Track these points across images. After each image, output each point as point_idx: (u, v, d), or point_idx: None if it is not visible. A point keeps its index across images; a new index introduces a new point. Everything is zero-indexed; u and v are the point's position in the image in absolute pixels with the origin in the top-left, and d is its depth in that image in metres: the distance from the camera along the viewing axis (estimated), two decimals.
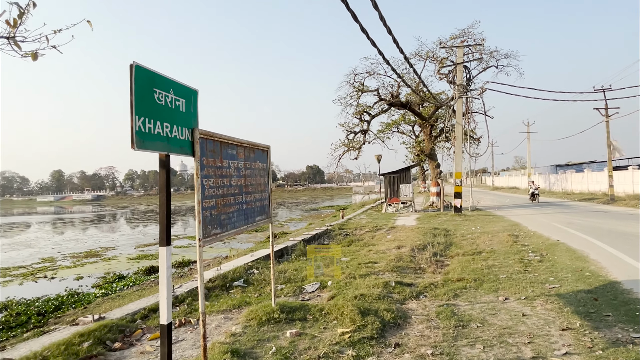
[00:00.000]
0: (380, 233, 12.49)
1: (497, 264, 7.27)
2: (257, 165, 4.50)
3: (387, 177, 20.29)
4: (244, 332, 4.30)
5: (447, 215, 17.48)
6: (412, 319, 4.62)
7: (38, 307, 7.96)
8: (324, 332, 4.21)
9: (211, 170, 3.42)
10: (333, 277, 6.77)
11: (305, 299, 5.72)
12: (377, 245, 10.15)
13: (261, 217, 4.60)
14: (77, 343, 3.95)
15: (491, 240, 10.06)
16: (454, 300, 5.28)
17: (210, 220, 3.37)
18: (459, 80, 16.57)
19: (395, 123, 31.71)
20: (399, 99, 21.74)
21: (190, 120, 3.13)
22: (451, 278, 6.32)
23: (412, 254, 8.58)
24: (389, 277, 6.66)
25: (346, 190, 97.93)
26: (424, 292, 5.74)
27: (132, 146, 2.47)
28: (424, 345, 3.80)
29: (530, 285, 5.73)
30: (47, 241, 23.04)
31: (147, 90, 2.62)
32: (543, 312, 4.58)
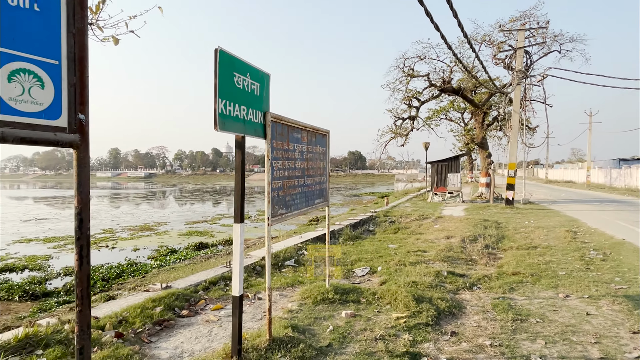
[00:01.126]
0: (427, 222, 12.30)
1: (554, 260, 6.96)
2: (317, 149, 4.58)
3: (435, 165, 19.78)
4: (300, 309, 4.48)
5: (497, 207, 16.84)
6: (466, 309, 4.58)
7: (102, 274, 8.69)
8: (379, 316, 4.29)
9: (279, 153, 3.54)
10: (384, 263, 6.82)
11: (356, 282, 5.83)
12: (425, 234, 10.03)
13: (320, 200, 4.71)
14: (150, 307, 4.31)
15: (547, 235, 9.61)
16: (509, 294, 5.15)
17: (277, 200, 3.50)
18: (518, 65, 15.63)
19: (444, 110, 30.64)
20: (450, 84, 20.95)
21: (262, 103, 3.25)
22: (506, 271, 6.15)
23: (462, 244, 8.41)
24: (439, 266, 6.60)
25: (387, 178, 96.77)
26: (477, 283, 5.64)
27: (214, 127, 2.62)
28: (482, 336, 3.77)
29: (594, 284, 5.45)
30: (106, 214, 24.82)
31: (229, 74, 2.75)
32: (610, 313, 4.37)
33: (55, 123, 1.77)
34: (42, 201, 35.97)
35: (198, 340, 3.72)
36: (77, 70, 1.86)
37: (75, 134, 1.85)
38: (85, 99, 1.89)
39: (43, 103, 1.74)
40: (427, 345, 3.57)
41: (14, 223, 19.18)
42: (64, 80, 1.81)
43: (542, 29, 16.85)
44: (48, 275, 8.88)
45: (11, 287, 7.61)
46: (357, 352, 3.39)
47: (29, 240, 14.19)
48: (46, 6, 1.75)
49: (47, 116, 1.75)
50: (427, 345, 3.55)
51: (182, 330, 3.97)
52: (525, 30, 16.18)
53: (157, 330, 3.91)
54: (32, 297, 7.19)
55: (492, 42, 21.13)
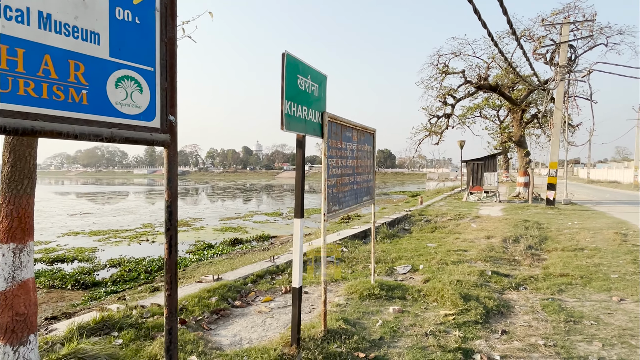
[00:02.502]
0: (464, 222, 12.12)
1: (604, 263, 6.73)
2: (365, 148, 4.68)
3: (470, 164, 19.37)
4: (348, 304, 4.60)
5: (536, 207, 16.30)
6: (515, 309, 4.55)
7: (145, 266, 9.13)
8: (426, 312, 4.34)
9: (334, 152, 3.66)
10: (425, 261, 6.83)
11: (398, 280, 5.88)
12: (464, 234, 9.90)
13: (367, 197, 4.81)
14: (206, 297, 4.56)
15: (594, 237, 9.25)
16: (559, 295, 5.05)
17: (331, 197, 3.63)
18: (561, 60, 15.02)
19: (478, 107, 29.80)
20: (487, 81, 20.41)
21: (320, 104, 3.38)
22: (553, 273, 6.02)
23: (504, 245, 8.26)
24: (482, 266, 6.53)
25: (418, 177, 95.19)
26: (523, 284, 5.56)
27: (281, 127, 2.77)
28: (534, 336, 3.75)
29: None
30: (144, 209, 25.87)
31: (293, 77, 2.90)
32: None
33: (151, 124, 1.96)
34: (84, 197, 38.01)
35: (254, 330, 3.92)
36: (168, 76, 2.04)
37: (167, 134, 2.04)
38: (174, 102, 2.08)
39: (141, 106, 1.93)
40: (478, 342, 3.60)
41: (62, 217, 20.40)
42: (157, 85, 1.99)
43: (588, 22, 16.11)
44: (95, 267, 9.41)
45: (64, 276, 8.16)
46: (409, 346, 3.47)
47: (76, 233, 15.06)
48: (145, 18, 1.94)
49: (145, 118, 1.94)
50: (478, 342, 3.58)
51: (238, 320, 4.19)
52: (569, 24, 15.52)
53: (215, 318, 4.14)
54: (83, 287, 7.67)
55: (532, 37, 20.40)
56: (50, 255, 10.56)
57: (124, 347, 3.16)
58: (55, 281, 7.80)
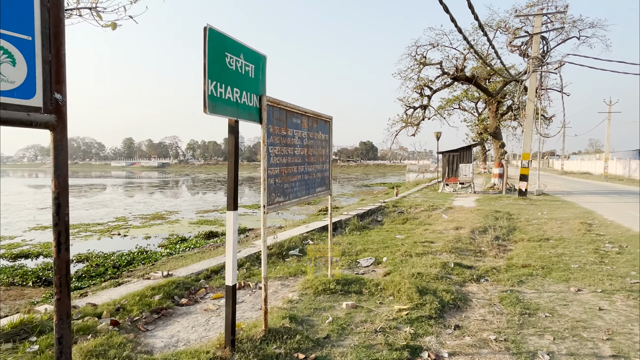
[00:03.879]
0: (436, 213, 12.09)
1: (567, 253, 6.73)
2: (319, 136, 4.44)
3: (446, 155, 19.43)
4: (301, 299, 4.39)
5: (509, 198, 16.48)
6: (472, 302, 4.43)
7: (113, 261, 8.75)
8: (380, 307, 4.17)
9: (276, 139, 3.41)
10: (390, 253, 6.69)
11: (360, 273, 5.72)
12: (434, 225, 9.84)
13: (321, 189, 4.58)
14: (149, 295, 4.28)
15: (560, 227, 9.33)
16: (518, 287, 4.98)
17: (274, 188, 3.39)
18: (534, 52, 15.08)
19: (457, 99, 30.01)
20: (464, 72, 20.42)
21: (258, 86, 3.12)
22: (515, 263, 5.96)
23: (471, 236, 8.21)
24: (447, 257, 6.44)
25: (399, 168, 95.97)
26: (485, 275, 5.48)
27: (204, 110, 2.50)
28: (487, 330, 3.63)
29: (608, 278, 5.23)
30: (120, 202, 25.10)
31: (219, 54, 2.62)
32: (624, 309, 4.17)
33: (29, 103, 1.66)
34: None
35: (195, 330, 3.67)
36: (53, 47, 1.74)
37: (52, 114, 1.74)
38: (62, 78, 1.78)
39: (14, 81, 1.63)
40: (428, 338, 3.44)
41: (31, 211, 19.55)
42: (37, 57, 1.69)
43: (560, 13, 16.21)
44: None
45: (25, 272, 7.72)
46: (355, 344, 3.28)
47: (44, 227, 14.43)
48: None
49: (20, 95, 1.64)
50: (428, 339, 3.43)
51: (180, 319, 3.93)
52: (542, 15, 15.58)
53: (155, 318, 3.87)
54: (45, 283, 7.28)
55: (508, 29, 20.49)
56: (13, 251, 10.04)
57: (39, 354, 2.87)
58: (15, 278, 7.38)
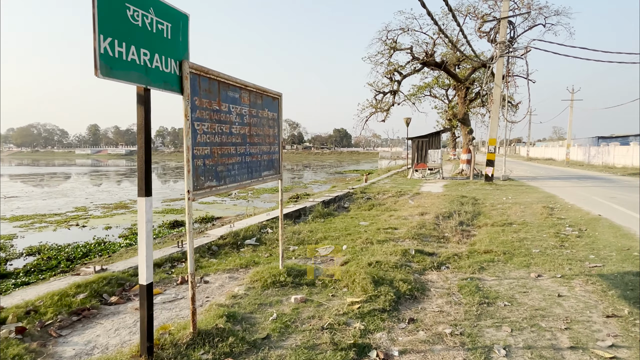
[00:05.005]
0: (403, 199, 11.94)
1: (529, 237, 6.65)
2: (265, 114, 4.00)
3: (415, 141, 19.37)
4: (246, 294, 4.00)
5: (476, 183, 16.62)
6: (431, 291, 4.18)
7: (68, 253, 8.07)
8: (332, 301, 3.85)
9: (206, 114, 2.95)
10: (350, 241, 6.40)
11: (317, 263, 5.38)
12: (400, 211, 9.65)
13: (269, 172, 4.16)
14: (72, 294, 3.77)
15: (523, 212, 9.34)
16: (479, 274, 4.78)
17: (205, 170, 2.95)
18: (501, 37, 15.04)
19: (428, 86, 30.09)
20: (433, 58, 20.31)
21: (177, 50, 2.64)
22: (477, 249, 5.79)
23: (436, 221, 8.05)
24: (409, 244, 6.21)
25: (373, 155, 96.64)
26: (446, 262, 5.26)
27: (95, 72, 2.02)
28: (442, 323, 3.37)
29: (567, 263, 5.13)
30: (82, 191, 23.72)
31: (117, 5, 2.13)
32: (583, 294, 4.03)
33: None
34: (17, 178, 34.46)
35: (118, 333, 3.21)
36: None
37: None
38: None
39: None
40: (379, 335, 3.14)
41: None
42: None
43: None
44: (9, 256, 8.23)
45: None
46: (297, 345, 2.94)
47: None
48: None
49: None
50: (379, 336, 3.13)
51: (104, 321, 3.46)
52: (509, 0, 15.53)
53: (73, 321, 3.38)
54: None
55: (477, 15, 20.45)
56: None
57: None
58: None
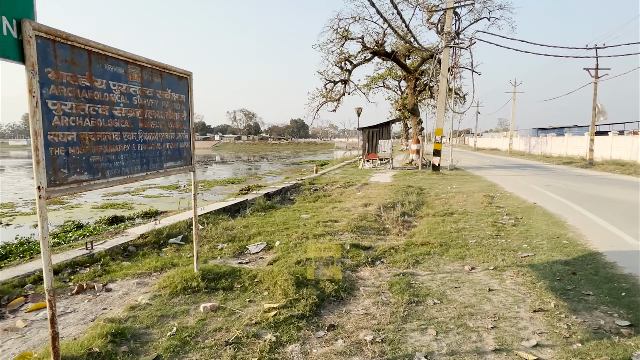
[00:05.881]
0: (351, 189, 11.73)
1: (468, 227, 6.60)
2: (167, 95, 3.44)
3: (366, 131, 19.30)
4: (149, 304, 3.47)
5: (424, 173, 16.85)
6: (359, 291, 3.87)
7: None
8: (248, 307, 3.42)
9: (69, 91, 2.37)
10: (286, 237, 5.99)
11: (244, 262, 4.93)
12: (344, 202, 9.39)
13: (175, 164, 3.62)
14: None
15: (465, 201, 9.42)
16: (413, 269, 4.56)
17: (68, 161, 2.37)
18: (447, 27, 15.18)
19: (382, 77, 30.27)
20: (383, 47, 20.25)
21: (14, 4, 2.04)
22: (415, 242, 5.60)
23: (378, 212, 7.84)
24: (347, 238, 5.91)
25: (330, 146, 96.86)
26: (381, 257, 5.00)
27: None
28: (365, 329, 3.05)
29: (501, 253, 5.05)
30: (10, 186, 21.43)
31: None
32: (512, 287, 3.90)
33: None
34: None
35: None
36: None
37: None
38: None
39: None
40: (291, 348, 2.76)
41: None
42: None
43: None
44: None
45: None
46: None
47: None
48: None
49: None
50: (291, 349, 2.75)
51: None
52: None
53: None
54: None
55: (426, 6, 20.60)
56: None
57: None
58: None
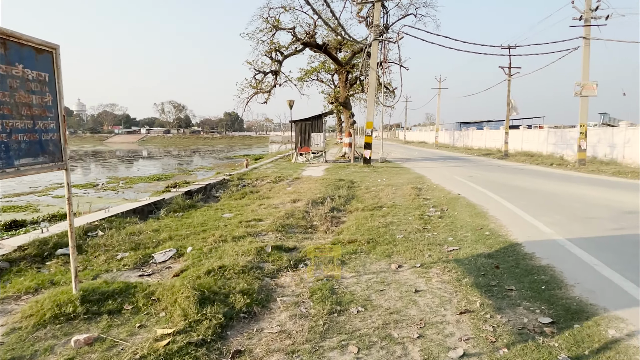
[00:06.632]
0: (281, 184, 11.25)
1: (396, 221, 6.47)
2: (15, 72, 2.65)
3: (298, 124, 18.89)
4: (3, 341, 2.69)
5: (356, 166, 16.90)
6: (276, 302, 3.42)
7: None
8: (136, 335, 2.79)
9: None
10: (201, 240, 5.34)
11: (145, 274, 4.22)
12: (273, 199, 8.88)
13: (34, 160, 2.83)
14: None
15: (394, 193, 9.42)
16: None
17: None
18: (375, 20, 15.25)
19: (315, 70, 30.05)
20: (314, 39, 19.91)
21: None
22: (342, 239, 5.28)
23: (307, 208, 7.46)
24: (271, 238, 5.43)
25: (265, 140, 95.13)
26: (306, 259, 4.60)
27: None
28: (277, 352, 2.60)
29: (428, 248, 4.91)
30: None
31: None
32: (439, 287, 3.70)
33: None
34: None
35: None
36: None
37: None
38: None
39: None
40: None
41: None
42: None
43: None
44: None
45: None
46: None
47: None
48: None
49: None
50: None
51: None
52: None
53: None
54: None
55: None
56: None
57: None
58: None
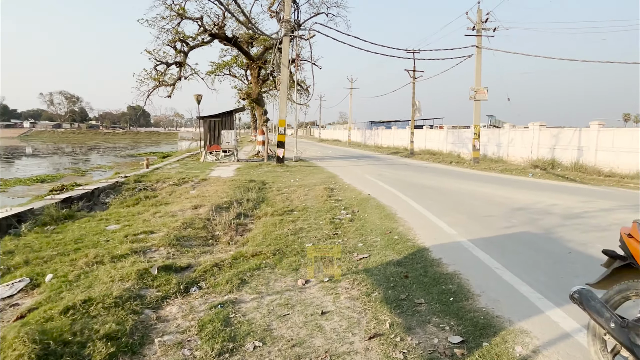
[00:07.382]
0: (184, 187, 10.22)
1: (306, 227, 6.11)
2: None
3: (207, 121, 17.67)
4: None
5: (269, 165, 16.36)
6: (154, 345, 2.76)
7: None
8: None
9: None
10: (68, 264, 4.35)
11: None
12: (172, 205, 7.93)
13: None
14: None
15: (307, 195, 9.11)
16: (237, 292, 3.67)
17: None
18: (286, 15, 14.85)
19: (227, 64, 28.61)
20: (223, 31, 18.80)
21: None
22: (245, 252, 4.73)
23: (209, 216, 6.73)
24: (161, 255, 4.66)
25: (175, 136, 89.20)
26: (200, 280, 3.96)
27: None
28: None
29: (337, 258, 4.62)
30: None
31: None
32: (347, 305, 3.39)
33: None
34: None
35: None
36: None
37: None
38: None
39: None
40: None
41: None
42: None
43: None
44: None
45: None
46: None
47: None
48: None
49: None
50: None
51: None
52: None
53: None
54: None
55: None
56: None
57: None
58: None
